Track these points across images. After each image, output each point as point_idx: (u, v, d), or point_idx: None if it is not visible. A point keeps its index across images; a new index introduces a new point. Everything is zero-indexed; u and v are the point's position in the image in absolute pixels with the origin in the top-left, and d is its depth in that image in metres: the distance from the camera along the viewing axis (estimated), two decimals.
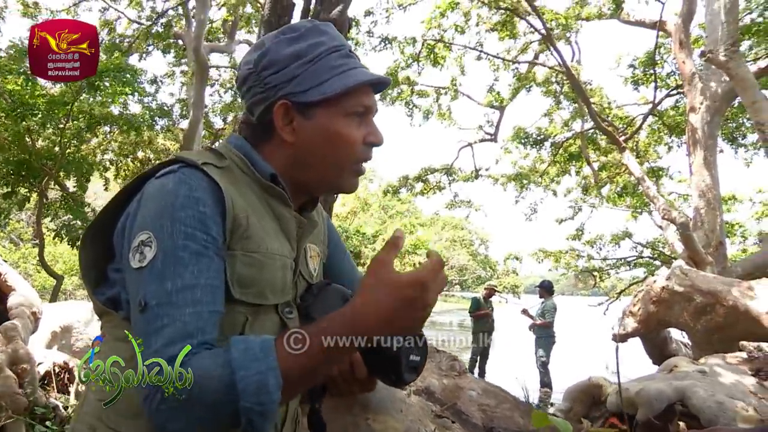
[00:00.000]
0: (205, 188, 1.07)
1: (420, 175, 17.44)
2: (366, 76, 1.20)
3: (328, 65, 1.18)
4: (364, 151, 1.23)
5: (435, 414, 1.58)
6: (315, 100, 1.17)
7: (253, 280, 1.10)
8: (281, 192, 1.20)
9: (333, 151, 1.20)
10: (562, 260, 18.24)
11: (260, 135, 1.24)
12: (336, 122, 1.19)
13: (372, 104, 1.24)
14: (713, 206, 10.69)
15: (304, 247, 1.27)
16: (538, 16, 11.28)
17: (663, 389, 3.15)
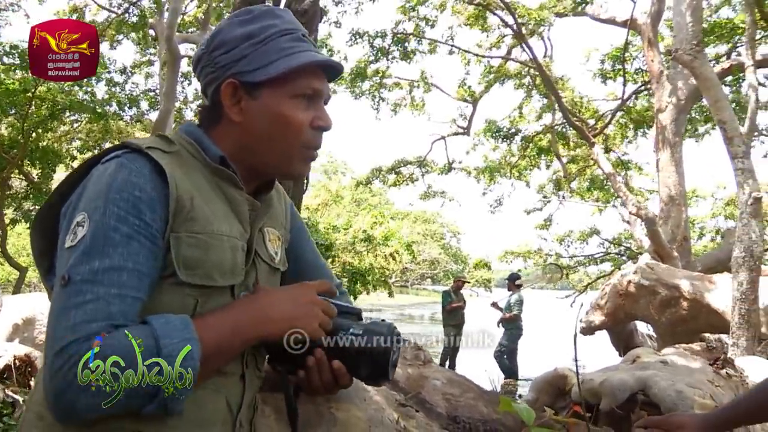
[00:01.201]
0: (145, 173, 1.07)
1: (393, 166, 17.46)
2: (313, 57, 1.20)
3: (278, 47, 1.18)
4: (312, 135, 1.23)
5: (399, 403, 1.60)
6: (261, 80, 1.17)
7: (199, 262, 1.10)
8: (231, 174, 1.19)
9: (278, 133, 1.20)
10: (530, 259, 18.42)
11: (211, 117, 1.24)
12: (281, 103, 1.19)
13: (321, 88, 1.23)
14: (679, 202, 10.89)
15: (260, 229, 1.27)
16: (510, 12, 11.36)
17: (625, 379, 3.20)
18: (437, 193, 18.64)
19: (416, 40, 14.11)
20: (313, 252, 1.53)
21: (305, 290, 1.20)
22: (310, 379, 1.19)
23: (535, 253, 18.55)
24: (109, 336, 0.96)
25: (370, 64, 14.58)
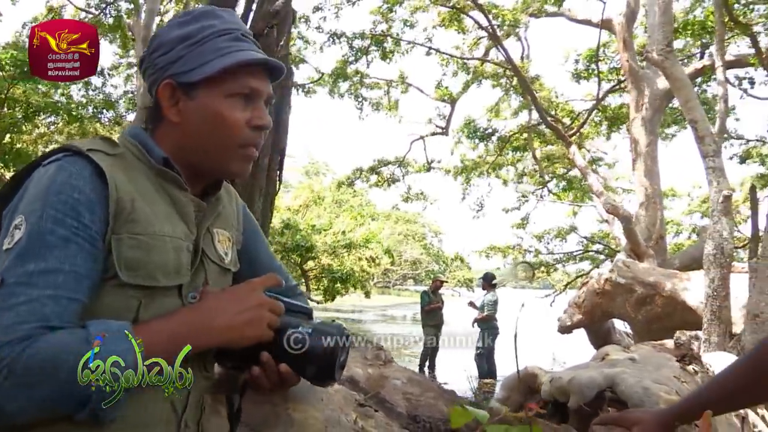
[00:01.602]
0: (85, 175, 1.07)
1: (374, 167, 17.46)
2: (247, 56, 1.20)
3: (215, 47, 1.19)
4: (250, 135, 1.23)
5: (358, 403, 1.61)
6: (197, 80, 1.18)
7: (141, 263, 1.10)
8: (175, 176, 1.20)
9: (215, 132, 1.20)
10: (510, 255, 18.50)
11: (155, 119, 1.24)
12: (217, 103, 1.19)
13: (260, 87, 1.23)
14: (654, 201, 11.01)
15: (208, 230, 1.27)
16: (483, 14, 11.40)
17: (594, 377, 3.23)
18: (418, 195, 18.67)
19: (394, 41, 14.13)
20: (268, 254, 1.53)
21: (251, 290, 1.19)
22: (256, 378, 1.19)
23: (514, 249, 18.64)
24: (43, 338, 0.95)
25: (350, 65, 14.59)
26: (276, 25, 5.04)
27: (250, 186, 4.89)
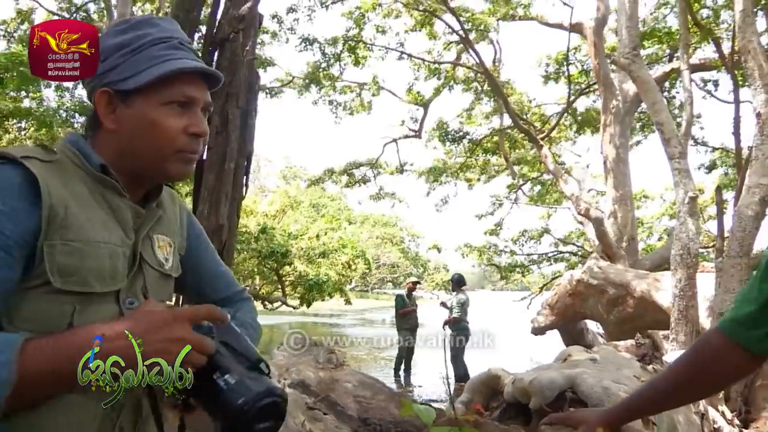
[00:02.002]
0: (14, 183, 1.08)
1: (345, 168, 17.50)
2: (182, 64, 1.21)
3: (150, 55, 1.20)
4: (187, 141, 1.24)
5: (307, 406, 1.61)
6: (133, 88, 1.19)
7: (74, 269, 1.10)
8: (112, 182, 1.21)
9: (151, 139, 1.21)
10: (485, 256, 18.59)
11: (94, 125, 1.25)
12: (152, 111, 1.20)
13: (196, 95, 1.24)
14: (625, 203, 11.14)
15: (148, 236, 1.28)
16: (456, 18, 11.47)
17: (554, 378, 3.25)
18: (387, 194, 18.77)
19: (366, 46, 14.17)
20: (212, 259, 1.54)
21: (174, 320, 1.08)
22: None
23: (490, 249, 18.74)
24: None
25: (322, 70, 14.59)
26: (242, 30, 5.03)
27: (216, 191, 4.88)
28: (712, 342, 1.58)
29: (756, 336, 1.48)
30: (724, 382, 1.69)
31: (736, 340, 1.51)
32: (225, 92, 4.98)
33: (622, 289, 9.02)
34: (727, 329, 1.55)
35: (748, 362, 1.54)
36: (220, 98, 5.00)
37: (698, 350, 1.62)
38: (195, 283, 1.48)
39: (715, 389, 1.73)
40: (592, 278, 9.31)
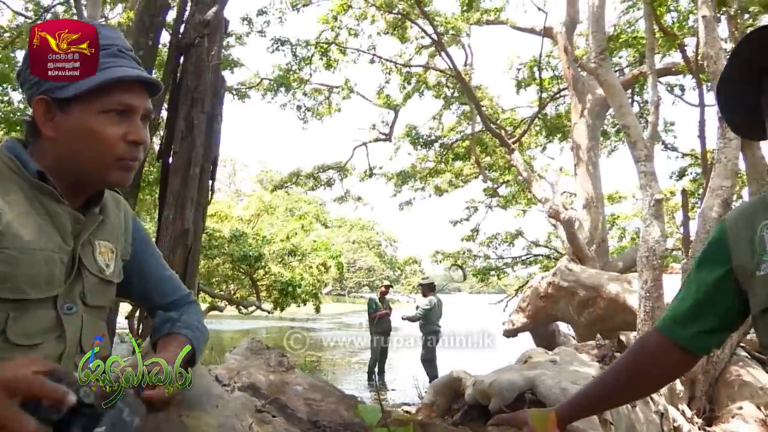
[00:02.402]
0: None
1: (312, 172, 17.44)
2: (121, 73, 1.22)
3: None
4: (126, 149, 1.25)
5: (256, 409, 1.62)
6: (71, 95, 1.19)
7: (8, 276, 1.11)
8: (50, 189, 1.21)
9: (89, 147, 1.22)
10: (459, 260, 18.67)
11: (32, 132, 1.25)
12: (90, 119, 1.21)
13: (135, 103, 1.25)
14: (596, 205, 11.25)
15: (88, 242, 1.28)
16: (429, 21, 11.54)
17: (514, 380, 3.29)
18: (353, 197, 18.76)
19: (338, 49, 14.18)
20: (158, 264, 1.54)
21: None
22: None
23: (464, 255, 18.81)
24: None
25: (293, 72, 14.55)
26: (207, 35, 5.01)
27: (182, 195, 4.86)
28: (650, 341, 1.62)
29: (690, 334, 1.52)
30: (664, 381, 1.73)
31: (672, 338, 1.55)
32: (190, 97, 4.96)
33: (593, 291, 9.11)
34: (665, 328, 1.58)
35: (685, 360, 1.58)
36: (186, 103, 4.98)
37: (637, 350, 1.65)
38: (141, 287, 1.49)
39: (656, 387, 1.78)
40: (562, 280, 9.40)
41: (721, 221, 1.53)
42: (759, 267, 1.35)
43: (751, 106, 1.40)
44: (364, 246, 42.24)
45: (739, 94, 1.42)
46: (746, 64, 1.36)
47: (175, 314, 1.46)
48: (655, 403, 4.09)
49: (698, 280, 1.54)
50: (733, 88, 1.42)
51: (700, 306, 1.51)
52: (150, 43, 4.74)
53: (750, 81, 1.37)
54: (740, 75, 1.38)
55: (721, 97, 1.47)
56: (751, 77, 1.36)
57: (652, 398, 4.12)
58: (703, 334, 1.52)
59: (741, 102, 1.43)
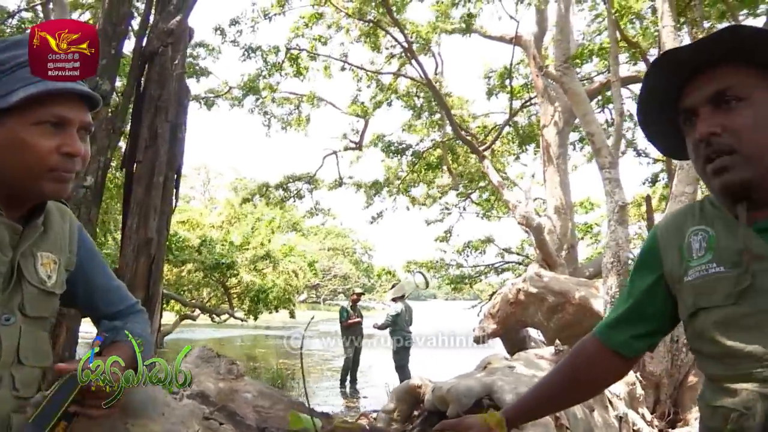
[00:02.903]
0: None
1: (281, 183, 17.34)
2: (54, 86, 1.22)
3: (21, 76, 1.21)
4: (60, 161, 1.25)
5: (204, 416, 1.63)
6: (3, 107, 1.20)
7: None
8: None
9: (20, 158, 1.22)
10: (432, 270, 18.72)
11: None
12: (23, 130, 1.21)
13: (69, 116, 1.26)
14: (565, 212, 11.37)
15: (30, 253, 1.29)
16: (400, 30, 11.60)
17: (472, 386, 3.32)
18: (322, 210, 18.66)
19: (309, 56, 14.17)
20: (105, 275, 1.55)
21: None
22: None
23: (437, 263, 18.87)
24: None
25: (262, 79, 14.49)
26: (171, 44, 5.01)
27: (145, 204, 4.84)
28: (587, 346, 1.65)
29: (623, 338, 1.56)
30: (601, 384, 1.76)
31: (607, 343, 1.58)
32: (154, 105, 4.95)
33: (562, 296, 9.19)
34: (600, 333, 1.62)
35: (620, 364, 1.61)
36: (149, 112, 4.97)
37: (575, 355, 1.68)
38: (87, 297, 1.50)
39: (594, 391, 1.81)
40: (532, 287, 9.47)
41: (654, 228, 1.57)
42: (686, 273, 1.39)
43: (671, 129, 1.44)
44: (340, 254, 42.16)
45: (657, 116, 1.46)
46: (660, 88, 1.39)
47: (120, 323, 1.47)
48: (615, 407, 4.15)
49: (632, 286, 1.58)
50: (652, 110, 1.46)
51: (632, 311, 1.55)
52: (113, 52, 4.72)
53: (666, 103, 1.40)
54: (655, 98, 1.42)
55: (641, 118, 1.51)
56: (666, 100, 1.40)
57: (611, 402, 4.18)
58: (635, 339, 1.55)
59: (660, 125, 1.47)
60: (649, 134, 1.51)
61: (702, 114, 1.29)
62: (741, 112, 1.25)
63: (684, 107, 1.34)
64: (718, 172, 1.28)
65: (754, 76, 1.27)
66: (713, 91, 1.28)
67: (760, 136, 1.24)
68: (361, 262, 44.50)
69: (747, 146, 1.24)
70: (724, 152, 1.26)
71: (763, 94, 1.26)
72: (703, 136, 1.29)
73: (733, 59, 1.28)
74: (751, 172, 1.24)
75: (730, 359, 1.28)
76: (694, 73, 1.31)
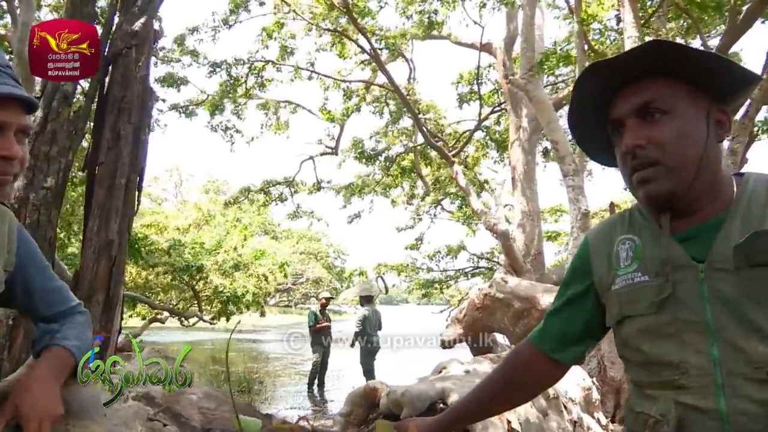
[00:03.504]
0: None
1: (262, 187, 17.36)
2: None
3: None
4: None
5: (147, 417, 1.64)
6: None
7: None
8: None
9: None
10: (403, 274, 18.79)
11: None
12: None
13: (5, 119, 1.27)
14: (532, 218, 11.49)
15: None
16: (366, 38, 11.62)
17: (425, 390, 3.35)
18: (305, 212, 18.74)
19: (274, 66, 14.16)
20: (45, 276, 1.55)
21: None
22: None
23: (407, 267, 18.94)
24: None
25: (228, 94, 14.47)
26: (135, 46, 4.98)
27: (106, 206, 4.80)
28: (522, 352, 1.69)
29: (556, 344, 1.60)
30: (535, 390, 1.80)
31: (541, 349, 1.62)
32: (117, 107, 4.91)
33: (527, 302, 9.27)
34: (534, 339, 1.66)
35: (554, 370, 1.65)
36: (112, 113, 4.93)
37: (510, 361, 1.72)
38: (25, 298, 1.50)
39: (528, 396, 1.85)
40: (498, 292, 9.54)
41: (586, 236, 1.61)
42: (614, 282, 1.43)
43: (603, 136, 1.47)
44: (312, 258, 41.97)
45: (590, 124, 1.49)
46: (592, 97, 1.43)
47: (57, 326, 1.48)
48: (569, 411, 4.22)
49: (564, 293, 1.62)
50: (584, 118, 1.49)
51: (565, 318, 1.59)
52: None
53: (598, 111, 1.44)
54: (588, 106, 1.45)
55: (572, 124, 1.54)
56: (599, 108, 1.43)
57: (566, 407, 4.24)
58: (568, 345, 1.59)
59: (592, 132, 1.50)
60: (580, 140, 1.54)
61: (629, 125, 1.33)
62: (665, 124, 1.28)
63: (612, 118, 1.38)
64: (643, 183, 1.31)
65: (679, 88, 1.30)
66: (639, 103, 1.31)
67: (682, 148, 1.28)
68: (333, 266, 44.37)
69: (670, 158, 1.28)
70: (649, 164, 1.29)
71: (686, 107, 1.30)
72: (629, 149, 1.32)
73: (660, 72, 1.31)
74: (673, 183, 1.28)
75: (653, 366, 1.32)
76: (624, 84, 1.35)
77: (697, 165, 1.28)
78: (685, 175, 1.28)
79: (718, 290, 1.23)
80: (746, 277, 1.21)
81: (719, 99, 1.34)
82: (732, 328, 1.21)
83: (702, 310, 1.24)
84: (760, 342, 1.18)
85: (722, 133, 1.35)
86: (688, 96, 1.31)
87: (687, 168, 1.28)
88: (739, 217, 1.27)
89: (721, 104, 1.35)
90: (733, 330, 1.20)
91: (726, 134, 1.36)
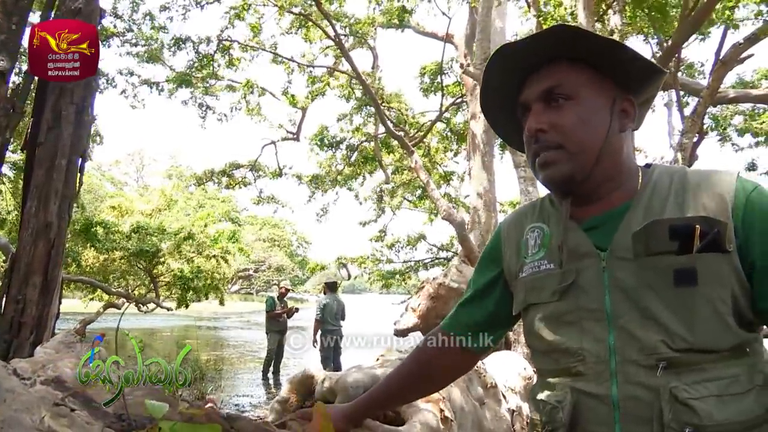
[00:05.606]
0: None
1: (225, 169, 17.19)
2: None
3: None
4: None
5: (54, 402, 1.60)
6: None
7: None
8: None
9: None
10: (363, 265, 18.82)
11: None
12: None
13: None
14: (489, 208, 11.54)
15: None
16: (330, 22, 11.54)
17: (359, 377, 3.34)
18: (268, 198, 18.63)
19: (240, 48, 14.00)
20: None
21: None
22: None
23: (368, 259, 18.96)
24: None
25: (195, 71, 14.28)
26: None
27: (45, 187, 4.70)
28: (434, 340, 1.68)
29: (466, 332, 1.60)
30: (447, 378, 1.80)
31: (452, 337, 1.62)
32: (59, 86, 4.79)
33: None
34: (446, 326, 1.66)
35: (465, 358, 1.66)
36: (54, 93, 4.82)
37: (422, 349, 1.71)
38: None
39: (441, 383, 1.85)
40: (452, 281, 9.58)
41: (499, 224, 1.61)
42: (521, 269, 1.43)
43: (512, 121, 1.47)
44: (275, 245, 41.76)
45: (501, 109, 1.49)
46: (501, 82, 1.42)
47: None
48: (507, 400, 4.25)
49: (476, 280, 1.62)
50: (495, 101, 1.48)
51: (475, 305, 1.59)
52: (13, 27, 4.54)
53: (509, 96, 1.42)
54: (498, 91, 1.43)
55: (485, 107, 1.54)
56: (509, 92, 1.42)
57: (504, 396, 4.28)
58: (478, 333, 1.59)
59: (505, 118, 1.49)
60: (494, 123, 1.53)
61: (533, 110, 1.33)
62: (568, 110, 1.29)
63: (520, 102, 1.38)
64: (543, 166, 1.32)
65: (585, 75, 1.31)
66: (544, 88, 1.32)
67: (582, 134, 1.28)
68: (296, 255, 44.21)
69: (571, 143, 1.28)
70: (551, 148, 1.30)
71: (589, 93, 1.30)
72: (531, 133, 1.33)
73: (567, 58, 1.32)
74: (572, 168, 1.28)
75: (555, 354, 1.32)
76: (533, 69, 1.35)
77: (598, 152, 1.29)
78: (585, 160, 1.29)
79: (617, 278, 1.24)
80: (644, 266, 1.22)
81: (626, 89, 1.35)
82: (629, 316, 1.22)
83: (602, 299, 1.25)
84: (654, 330, 1.19)
85: (627, 122, 1.35)
86: (593, 83, 1.31)
87: (587, 154, 1.29)
88: (642, 206, 1.28)
89: (628, 94, 1.35)
90: (630, 318, 1.21)
91: (631, 124, 1.37)
